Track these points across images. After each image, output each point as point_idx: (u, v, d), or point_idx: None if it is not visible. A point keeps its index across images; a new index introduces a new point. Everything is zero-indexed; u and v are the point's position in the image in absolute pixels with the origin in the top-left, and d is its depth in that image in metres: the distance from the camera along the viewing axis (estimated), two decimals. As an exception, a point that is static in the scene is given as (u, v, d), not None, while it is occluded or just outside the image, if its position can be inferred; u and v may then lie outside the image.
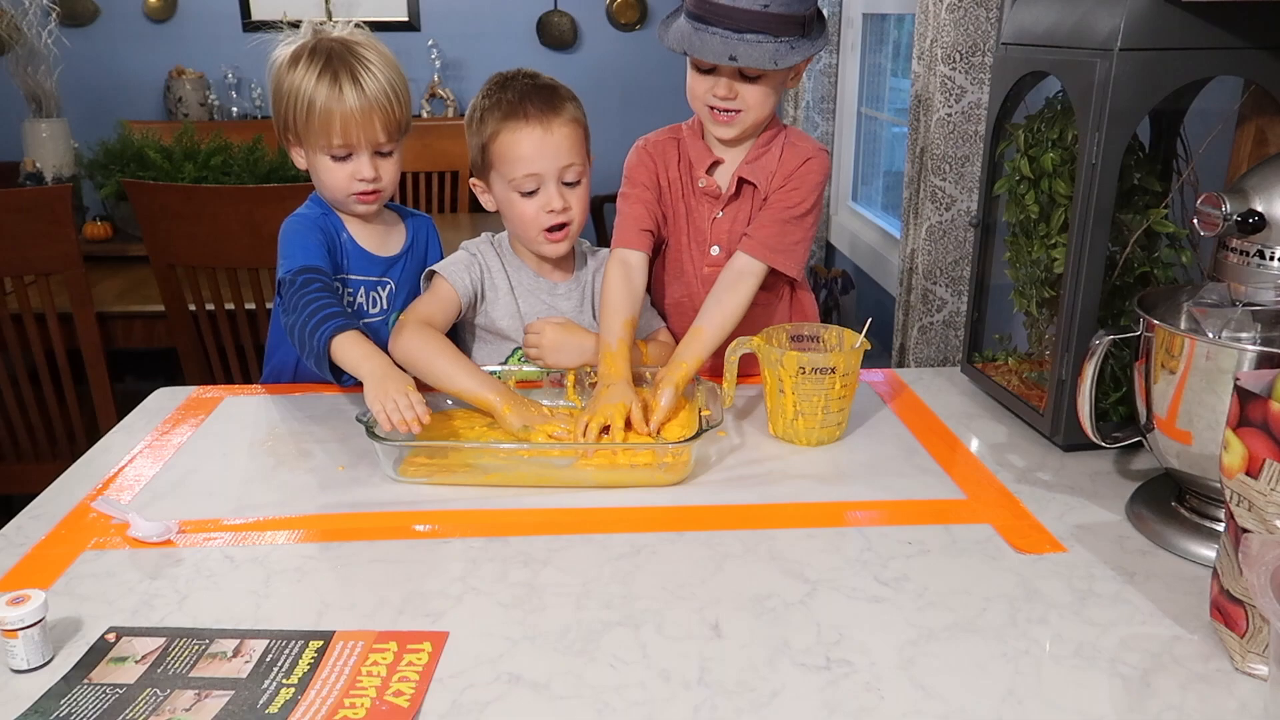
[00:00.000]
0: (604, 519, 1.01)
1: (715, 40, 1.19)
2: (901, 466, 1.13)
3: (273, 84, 1.32)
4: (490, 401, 1.16)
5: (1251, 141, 1.11)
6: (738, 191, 1.32)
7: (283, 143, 1.35)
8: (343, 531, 0.99)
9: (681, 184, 1.35)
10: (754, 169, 1.31)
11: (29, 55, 2.82)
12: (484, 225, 2.95)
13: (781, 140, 1.31)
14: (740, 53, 1.18)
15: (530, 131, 1.26)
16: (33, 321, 2.01)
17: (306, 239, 1.30)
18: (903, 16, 2.75)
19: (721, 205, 1.33)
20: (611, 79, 4.14)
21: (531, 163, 1.26)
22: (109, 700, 0.74)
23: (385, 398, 1.08)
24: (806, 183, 1.30)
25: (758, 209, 1.31)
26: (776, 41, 1.19)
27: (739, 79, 1.23)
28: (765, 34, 1.18)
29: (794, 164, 1.30)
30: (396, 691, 0.74)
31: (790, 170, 1.30)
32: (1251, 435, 0.73)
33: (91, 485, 1.08)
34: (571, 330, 1.29)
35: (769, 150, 1.31)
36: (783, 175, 1.30)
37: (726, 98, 1.24)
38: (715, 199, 1.33)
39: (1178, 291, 1.02)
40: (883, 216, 2.93)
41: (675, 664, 0.78)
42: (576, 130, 1.29)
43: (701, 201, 1.34)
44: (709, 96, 1.25)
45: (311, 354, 1.17)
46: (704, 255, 1.36)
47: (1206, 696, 0.74)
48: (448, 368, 1.19)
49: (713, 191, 1.33)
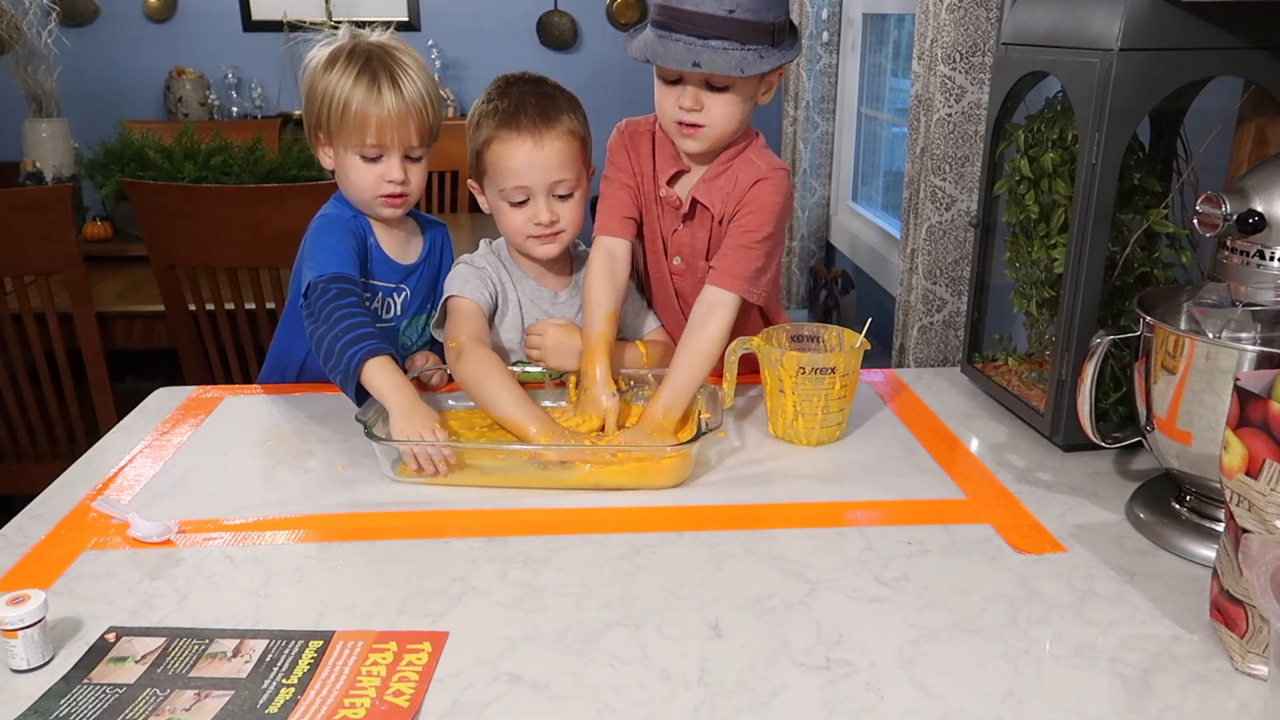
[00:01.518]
0: (604, 519, 1.01)
1: (679, 47, 1.14)
2: (901, 466, 1.13)
3: (307, 84, 1.32)
4: (528, 433, 1.13)
5: (1251, 142, 1.11)
6: (692, 211, 1.28)
7: (311, 142, 1.35)
8: (343, 531, 0.99)
9: (650, 182, 1.31)
10: (709, 189, 1.25)
11: (29, 55, 2.82)
12: (484, 225, 2.95)
13: (742, 159, 1.25)
14: (704, 59, 1.13)
15: (521, 144, 1.24)
16: (33, 321, 2.01)
17: (341, 243, 1.28)
18: (903, 16, 2.75)
19: (680, 220, 1.30)
20: (611, 79, 4.13)
21: (520, 175, 1.25)
22: (109, 700, 0.74)
23: (413, 432, 1.08)
24: (761, 205, 1.23)
25: (717, 231, 1.28)
26: (743, 50, 1.14)
27: (705, 89, 1.18)
28: (731, 41, 1.13)
29: (746, 185, 1.24)
30: (396, 691, 0.74)
31: (743, 192, 1.24)
32: (1251, 435, 0.73)
33: (91, 485, 1.08)
34: (573, 332, 1.29)
35: (727, 169, 1.25)
36: (736, 198, 1.25)
37: (692, 109, 1.19)
38: (676, 210, 1.30)
39: (1178, 292, 1.01)
40: (883, 216, 2.93)
41: (675, 664, 0.78)
42: (571, 143, 1.26)
43: (665, 210, 1.31)
44: (675, 110, 1.20)
45: (339, 371, 1.17)
46: (669, 262, 1.34)
47: (1206, 697, 0.74)
48: (494, 392, 1.17)
49: (673, 203, 1.29)
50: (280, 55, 4.05)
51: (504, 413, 1.16)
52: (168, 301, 2.10)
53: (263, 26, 4.06)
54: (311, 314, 1.22)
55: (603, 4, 4.19)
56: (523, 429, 1.14)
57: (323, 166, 1.35)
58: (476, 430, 1.19)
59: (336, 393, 1.34)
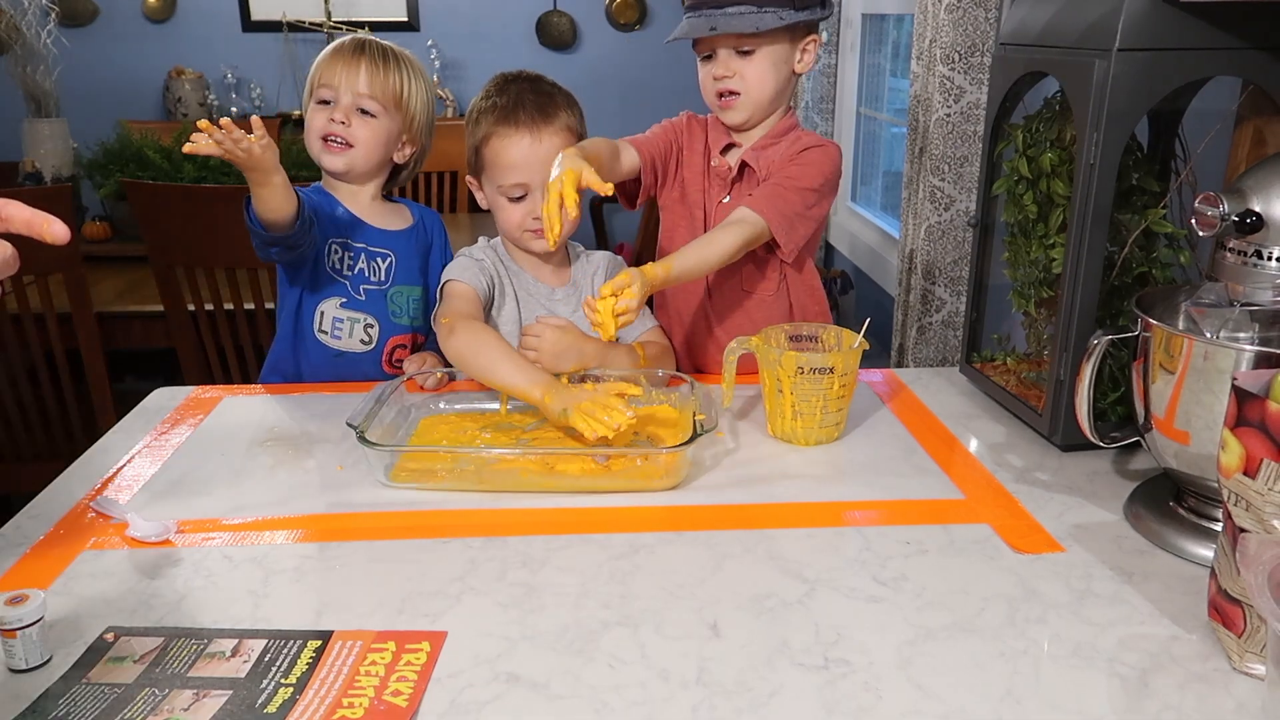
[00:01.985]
0: (602, 519, 1.01)
1: (700, 20, 1.27)
2: (900, 466, 1.13)
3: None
4: (531, 395, 1.14)
5: (1249, 141, 1.11)
6: (740, 174, 1.36)
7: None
8: (341, 531, 0.99)
9: (702, 159, 1.39)
10: (758, 155, 1.34)
11: (28, 55, 2.82)
12: (483, 224, 2.95)
13: (791, 136, 1.35)
14: (720, 23, 1.25)
15: (519, 140, 1.27)
16: (32, 321, 2.01)
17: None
18: (902, 17, 2.75)
19: (728, 188, 1.37)
20: (611, 79, 4.14)
21: (518, 171, 1.27)
22: (107, 700, 0.74)
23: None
24: (809, 160, 1.32)
25: None
26: (760, 11, 1.25)
27: (735, 56, 1.29)
28: (747, 5, 1.24)
29: (796, 150, 1.33)
30: (395, 691, 0.74)
31: (794, 154, 1.33)
32: (1249, 435, 0.73)
33: (90, 485, 1.08)
34: (570, 333, 1.28)
35: (778, 143, 1.35)
36: (785, 159, 1.33)
37: (724, 76, 1.30)
38: (725, 180, 1.37)
39: (1176, 291, 1.02)
40: (882, 216, 2.94)
41: (674, 664, 0.78)
42: (568, 140, 1.28)
43: (713, 183, 1.38)
44: (711, 82, 1.32)
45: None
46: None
47: (1204, 696, 0.74)
48: (493, 361, 1.17)
49: (722, 172, 1.37)
50: (280, 55, 4.05)
51: (503, 380, 1.16)
52: (167, 302, 2.10)
53: (262, 27, 4.06)
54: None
55: (602, 4, 4.19)
56: (526, 393, 1.14)
57: (295, 170, 1.47)
58: (469, 434, 1.19)
59: (336, 392, 1.34)
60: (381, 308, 1.42)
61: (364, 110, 1.37)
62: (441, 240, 1.51)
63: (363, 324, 1.41)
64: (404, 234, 1.45)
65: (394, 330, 1.43)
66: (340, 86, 1.36)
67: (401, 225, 1.46)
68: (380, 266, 1.42)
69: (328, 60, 1.39)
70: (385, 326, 1.43)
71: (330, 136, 1.37)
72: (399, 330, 1.44)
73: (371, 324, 1.42)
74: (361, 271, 1.41)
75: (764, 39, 1.28)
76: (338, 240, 1.40)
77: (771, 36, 1.29)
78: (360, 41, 1.40)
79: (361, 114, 1.37)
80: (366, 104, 1.37)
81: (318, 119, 1.38)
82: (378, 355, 1.43)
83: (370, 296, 1.41)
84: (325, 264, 1.39)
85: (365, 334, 1.42)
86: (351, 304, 1.41)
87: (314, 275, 1.39)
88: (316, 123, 1.38)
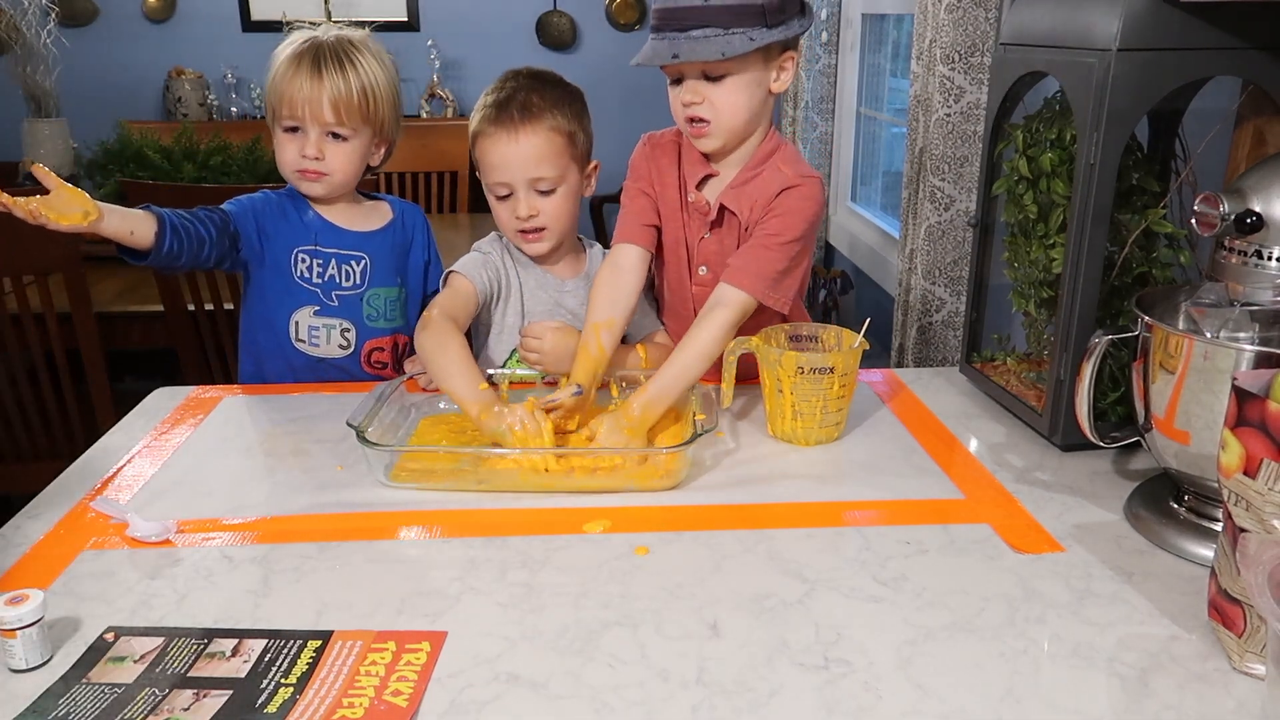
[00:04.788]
0: (602, 519, 1.01)
1: (663, 44, 1.15)
2: (900, 466, 1.13)
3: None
4: (469, 411, 1.14)
5: (1250, 141, 1.11)
6: (720, 218, 1.26)
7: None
8: (341, 531, 0.99)
9: (676, 192, 1.29)
10: (737, 195, 1.24)
11: (28, 55, 2.82)
12: (483, 225, 2.95)
13: (771, 166, 1.24)
14: (683, 50, 1.14)
15: (499, 138, 1.26)
16: (32, 321, 2.01)
17: (247, 200, 1.39)
18: (902, 17, 2.75)
19: (708, 227, 1.28)
20: (611, 79, 4.12)
21: (500, 170, 1.28)
22: (107, 700, 0.74)
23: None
24: (788, 209, 1.21)
25: (745, 239, 1.25)
26: (727, 34, 1.13)
27: (703, 81, 1.18)
28: (713, 28, 1.13)
29: (774, 192, 1.22)
30: (395, 691, 0.74)
31: (770, 199, 1.22)
32: (1249, 435, 0.73)
33: (90, 485, 1.08)
34: (570, 334, 1.28)
35: (757, 176, 1.24)
36: (764, 205, 1.23)
37: (692, 103, 1.19)
38: (704, 216, 1.28)
39: (1176, 291, 1.02)
40: (881, 217, 2.94)
41: (673, 664, 0.78)
42: (554, 139, 1.27)
43: (692, 218, 1.29)
44: (681, 108, 1.21)
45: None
46: (693, 273, 1.31)
47: (1204, 696, 0.74)
48: (446, 367, 1.18)
49: (701, 208, 1.27)
50: (279, 55, 4.04)
51: (451, 387, 1.17)
52: (166, 301, 2.10)
53: (262, 27, 4.06)
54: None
55: (602, 4, 4.19)
56: (465, 407, 1.14)
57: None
58: (467, 435, 1.19)
59: (336, 392, 1.34)
60: (357, 312, 1.41)
61: (335, 134, 1.35)
62: (424, 237, 1.50)
63: (339, 329, 1.41)
64: (380, 234, 1.44)
65: (370, 334, 1.43)
66: (306, 117, 1.33)
67: (379, 224, 1.45)
68: (355, 270, 1.41)
69: (287, 78, 1.33)
70: (361, 330, 1.42)
71: (304, 170, 1.36)
72: (376, 334, 1.43)
73: (348, 328, 1.41)
74: (332, 278, 1.40)
75: (733, 63, 1.16)
76: (304, 249, 1.39)
77: (741, 60, 1.16)
78: (316, 51, 1.34)
79: (333, 138, 1.35)
80: (337, 129, 1.35)
81: (288, 151, 1.36)
82: (357, 358, 1.43)
83: (344, 302, 1.40)
84: (293, 274, 1.38)
85: (343, 339, 1.41)
86: (325, 311, 1.40)
87: (284, 286, 1.39)
88: (288, 155, 1.36)
